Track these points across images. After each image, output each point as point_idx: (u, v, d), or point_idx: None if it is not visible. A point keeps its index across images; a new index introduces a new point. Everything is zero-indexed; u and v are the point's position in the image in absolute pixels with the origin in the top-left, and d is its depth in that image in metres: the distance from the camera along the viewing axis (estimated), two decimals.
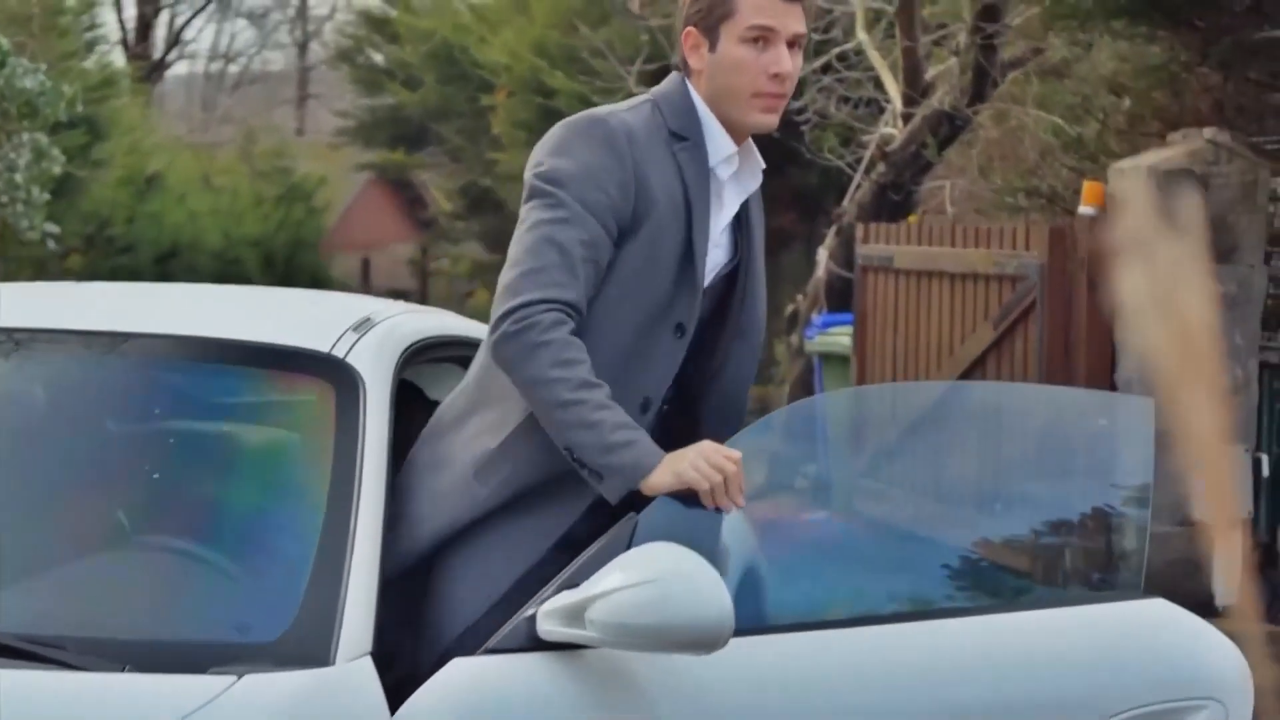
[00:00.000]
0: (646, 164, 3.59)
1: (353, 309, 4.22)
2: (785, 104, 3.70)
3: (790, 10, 3.63)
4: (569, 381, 3.41)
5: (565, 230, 3.51)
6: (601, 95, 17.71)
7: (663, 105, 3.70)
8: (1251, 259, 8.59)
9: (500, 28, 24.54)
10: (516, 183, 18.42)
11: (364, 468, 3.67)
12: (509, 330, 3.47)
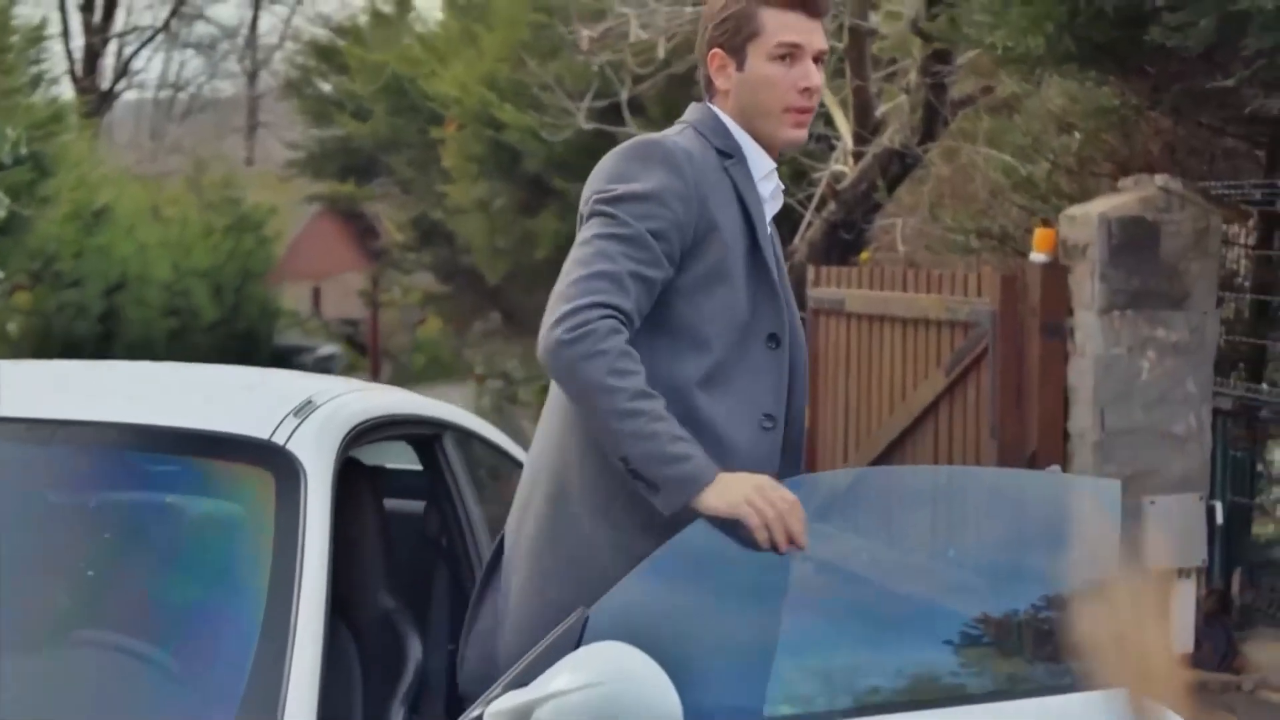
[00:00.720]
0: (705, 182, 3.64)
1: (295, 391, 4.13)
2: (810, 117, 3.78)
3: (814, 26, 3.74)
4: (626, 391, 3.38)
5: (617, 245, 3.51)
6: (550, 130, 17.69)
7: (701, 128, 3.76)
8: (1204, 305, 8.57)
9: (450, 60, 24.48)
10: (466, 215, 18.43)
11: (305, 558, 3.60)
12: (563, 338, 3.42)
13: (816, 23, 3.76)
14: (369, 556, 4.45)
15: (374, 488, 4.62)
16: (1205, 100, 8.40)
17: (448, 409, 4.95)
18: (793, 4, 3.74)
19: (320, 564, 3.61)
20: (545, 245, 21.72)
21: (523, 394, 25.41)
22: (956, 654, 3.70)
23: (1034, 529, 3.87)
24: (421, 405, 4.75)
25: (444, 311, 34.65)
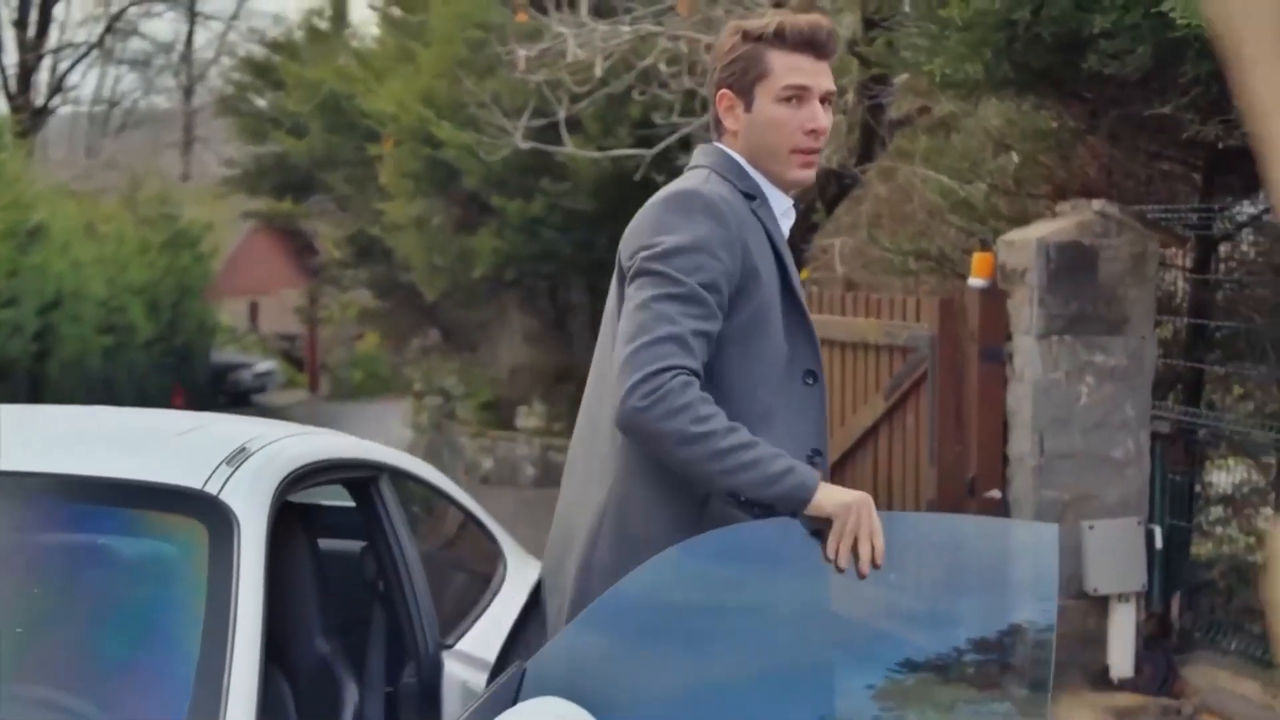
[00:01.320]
0: (744, 227, 3.76)
1: (228, 437, 4.08)
2: (818, 158, 3.90)
3: (821, 68, 3.86)
4: (715, 433, 3.51)
5: (675, 305, 3.61)
6: (487, 148, 17.63)
7: (722, 171, 3.88)
8: (1142, 330, 8.58)
9: (387, 77, 24.39)
10: (403, 232, 18.37)
11: (239, 608, 3.56)
12: (639, 405, 3.53)
13: (823, 64, 3.87)
14: (304, 600, 4.41)
15: (308, 529, 4.57)
16: (1142, 125, 8.42)
17: (383, 450, 4.91)
18: (800, 46, 3.85)
19: (254, 614, 3.57)
20: (483, 263, 21.66)
21: (461, 411, 25.32)
22: (888, 699, 3.69)
23: (972, 575, 3.85)
24: (357, 448, 4.70)
25: (382, 328, 34.55)
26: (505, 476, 22.84)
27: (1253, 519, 9.80)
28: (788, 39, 3.85)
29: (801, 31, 3.86)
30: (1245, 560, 9.57)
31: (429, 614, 4.57)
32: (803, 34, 3.85)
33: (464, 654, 4.72)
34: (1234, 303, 9.60)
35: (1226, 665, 8.58)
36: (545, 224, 21.02)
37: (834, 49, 3.90)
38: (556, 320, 24.53)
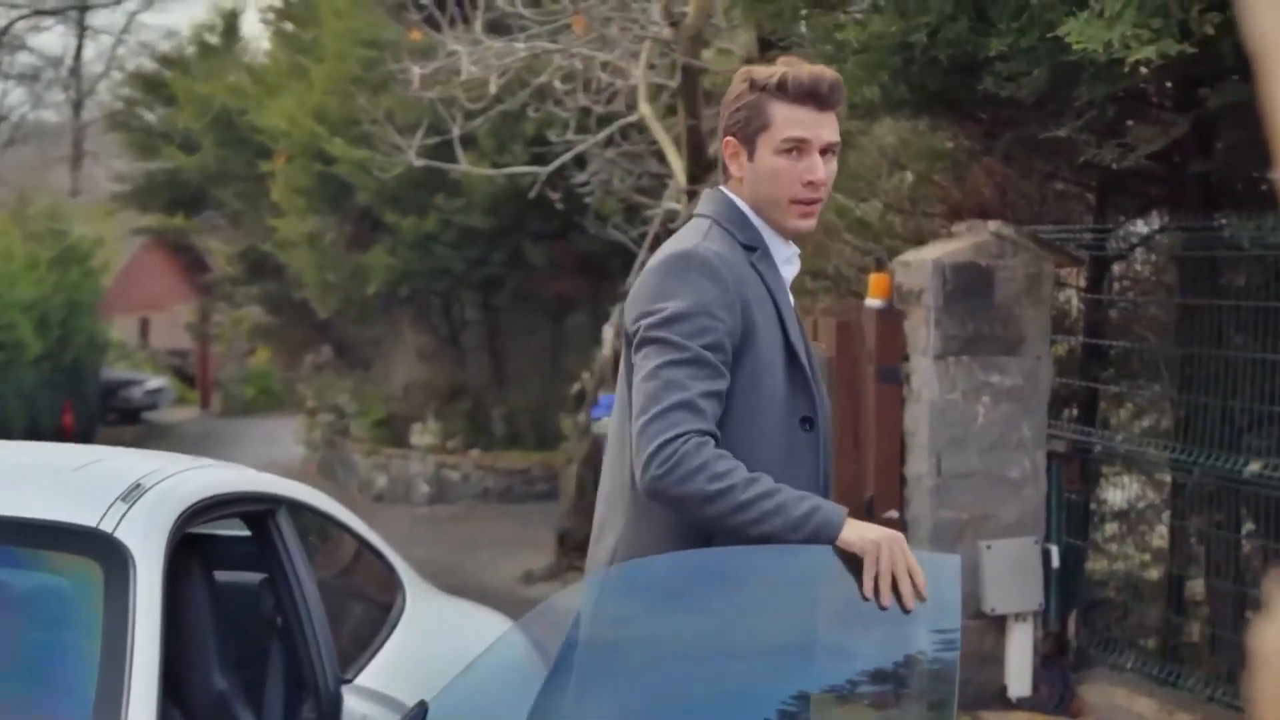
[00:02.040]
0: (742, 283, 3.81)
1: (124, 473, 4.02)
2: (819, 209, 3.92)
3: (823, 120, 3.88)
4: (735, 487, 3.57)
5: (681, 371, 3.67)
6: (381, 165, 17.55)
7: (725, 223, 3.92)
8: (1038, 350, 8.62)
9: (279, 93, 24.24)
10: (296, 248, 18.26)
11: (135, 648, 3.51)
12: (656, 473, 3.59)
13: (826, 115, 3.89)
14: (201, 636, 4.35)
15: (205, 562, 4.51)
16: (1038, 147, 8.46)
17: (280, 482, 4.86)
18: (801, 98, 3.86)
19: (151, 652, 3.52)
20: (376, 279, 21.59)
21: (354, 428, 25.18)
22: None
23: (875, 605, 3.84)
24: (254, 481, 4.64)
25: (274, 344, 34.34)
26: (399, 494, 22.73)
27: (1147, 535, 9.88)
28: (789, 91, 3.87)
29: (803, 84, 3.87)
30: (1140, 577, 9.64)
31: (328, 648, 4.51)
32: (804, 86, 3.87)
33: (364, 689, 4.67)
34: (1128, 321, 9.69)
35: (1123, 682, 8.63)
36: (439, 241, 20.97)
37: (837, 101, 3.91)
38: (450, 337, 24.44)
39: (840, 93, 3.92)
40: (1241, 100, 7.04)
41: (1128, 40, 6.39)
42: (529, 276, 22.05)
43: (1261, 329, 7.78)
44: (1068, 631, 9.08)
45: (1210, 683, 8.12)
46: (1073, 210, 10.27)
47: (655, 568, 3.69)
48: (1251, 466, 7.77)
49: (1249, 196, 8.60)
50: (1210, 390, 8.13)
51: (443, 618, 5.59)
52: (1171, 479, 8.85)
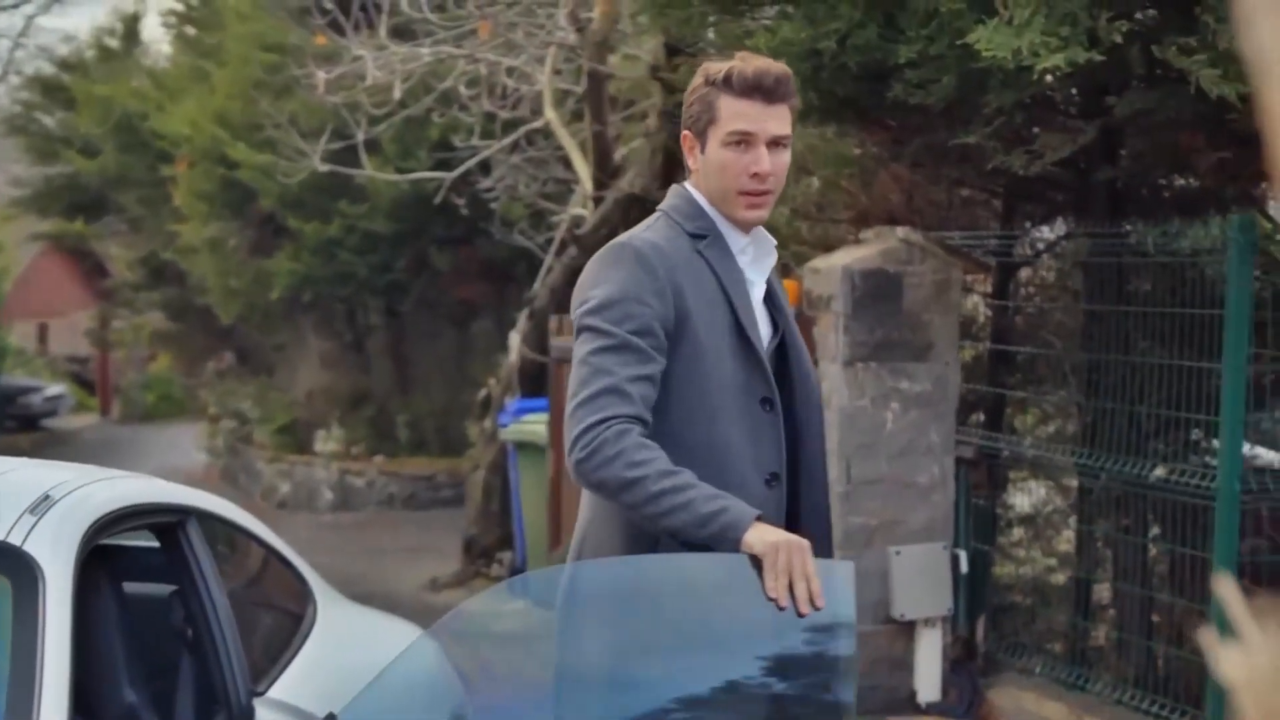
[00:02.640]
0: (676, 269, 3.92)
1: (32, 484, 3.96)
2: (772, 198, 4.02)
3: (769, 113, 3.95)
4: (649, 477, 3.64)
5: (609, 357, 3.79)
6: (285, 170, 17.44)
7: (674, 214, 4.06)
8: (947, 356, 8.65)
9: (180, 97, 24.07)
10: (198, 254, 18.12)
11: (44, 662, 3.46)
12: (580, 458, 3.71)
13: (773, 109, 3.95)
14: (111, 649, 4.30)
15: (115, 574, 4.45)
16: (946, 153, 8.49)
17: (190, 493, 4.80)
18: (746, 92, 3.95)
19: (61, 666, 3.47)
20: (280, 285, 21.46)
21: (257, 434, 25.02)
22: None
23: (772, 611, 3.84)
24: (163, 491, 4.58)
25: (175, 350, 34.08)
26: (303, 501, 22.58)
27: (1053, 540, 9.93)
28: (735, 85, 3.96)
29: (747, 78, 3.95)
30: (1046, 581, 9.69)
31: (239, 660, 4.46)
32: (748, 80, 3.95)
33: (276, 701, 4.62)
34: (1034, 327, 9.73)
35: (1031, 687, 8.67)
36: (343, 246, 20.87)
37: (784, 95, 3.98)
38: (355, 343, 24.33)
39: (787, 86, 3.98)
40: (1147, 108, 7.10)
41: (1036, 48, 6.41)
42: (433, 282, 21.97)
43: (1167, 335, 7.84)
44: (976, 636, 9.12)
45: (1118, 686, 8.17)
46: (979, 216, 10.32)
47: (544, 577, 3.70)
48: (1157, 471, 7.82)
49: (1154, 203, 8.66)
50: (1117, 396, 8.18)
51: (354, 628, 5.54)
52: (1079, 484, 8.89)
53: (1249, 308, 7.16)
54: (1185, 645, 7.87)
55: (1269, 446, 8.29)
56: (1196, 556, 7.64)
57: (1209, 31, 6.28)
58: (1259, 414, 7.91)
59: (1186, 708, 7.66)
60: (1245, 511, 7.30)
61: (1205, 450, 8.31)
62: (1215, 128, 7.01)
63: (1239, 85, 6.24)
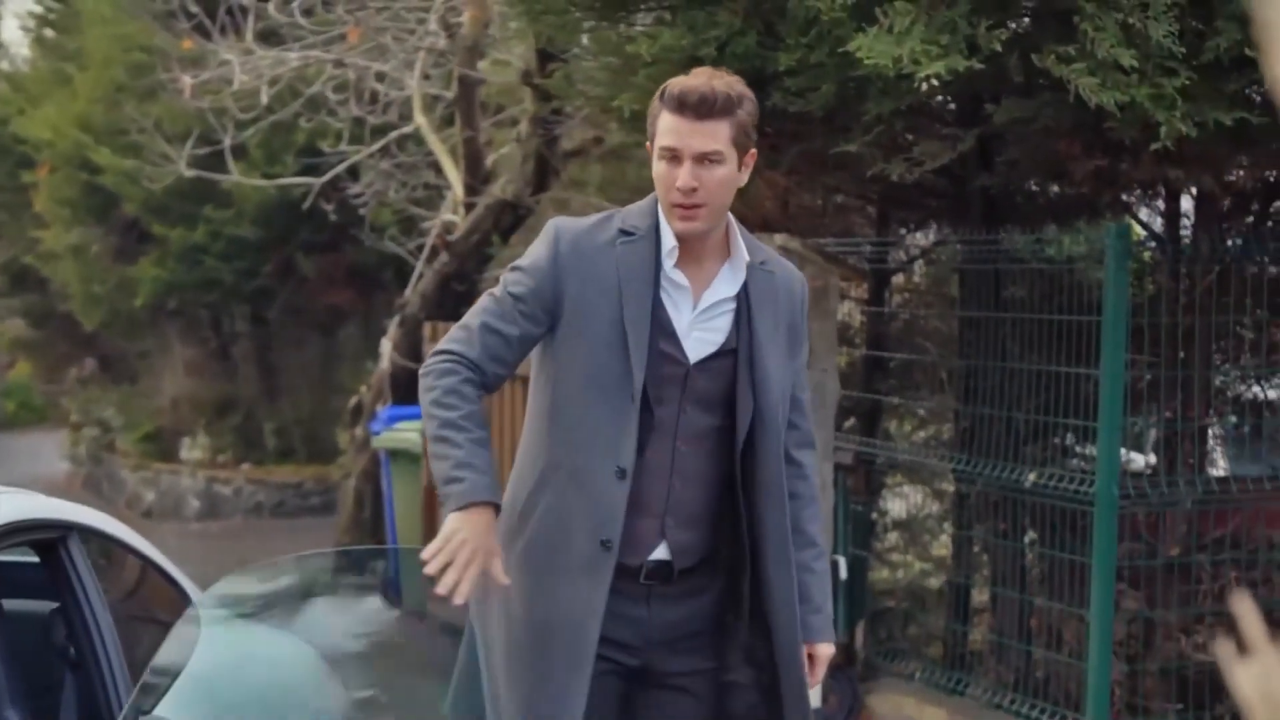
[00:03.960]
0: (580, 255, 4.13)
1: None
2: (705, 211, 4.09)
3: (695, 129, 4.05)
4: (437, 419, 4.01)
5: (485, 303, 4.17)
6: (151, 174, 17.25)
7: (622, 210, 4.27)
8: (825, 364, 8.66)
9: (41, 101, 23.72)
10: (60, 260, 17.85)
11: None
12: (420, 372, 4.16)
13: (700, 125, 4.05)
14: None
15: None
16: (823, 160, 8.50)
17: (71, 508, 4.72)
18: (675, 108, 4.07)
19: None
20: (144, 291, 21.24)
21: (121, 442, 24.71)
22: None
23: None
24: (45, 507, 4.49)
25: (36, 357, 33.60)
26: (169, 510, 22.33)
27: (929, 545, 9.99)
28: (666, 101, 4.11)
29: (674, 95, 4.08)
30: (922, 586, 9.75)
31: (123, 678, 4.39)
32: (674, 97, 4.08)
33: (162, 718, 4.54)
34: (909, 333, 9.79)
35: (910, 692, 8.71)
36: (208, 252, 20.70)
37: (707, 112, 4.05)
38: (220, 350, 24.10)
39: (715, 104, 4.05)
40: (1025, 116, 7.15)
41: (917, 56, 6.44)
42: (300, 288, 21.82)
43: (1042, 340, 7.90)
44: (855, 642, 9.15)
45: (996, 690, 8.22)
46: (854, 223, 10.37)
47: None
48: (1030, 476, 7.88)
49: (1029, 210, 8.73)
50: (993, 401, 8.23)
51: (237, 640, 5.46)
52: (955, 489, 8.94)
53: (1126, 313, 7.23)
54: (1063, 649, 7.93)
55: (1140, 452, 8.39)
56: (1073, 560, 7.70)
57: (1087, 40, 6.33)
58: (1134, 418, 7.99)
59: (1065, 711, 7.73)
60: (1122, 515, 7.38)
61: (1079, 455, 8.39)
62: (1092, 135, 7.07)
63: (1117, 93, 6.30)
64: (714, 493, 4.27)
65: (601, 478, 4.10)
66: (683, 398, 4.21)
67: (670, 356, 4.19)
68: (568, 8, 8.30)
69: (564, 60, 10.63)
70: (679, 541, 4.24)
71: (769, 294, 4.32)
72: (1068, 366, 7.66)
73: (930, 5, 6.57)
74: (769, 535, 4.24)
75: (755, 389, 4.22)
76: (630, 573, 4.18)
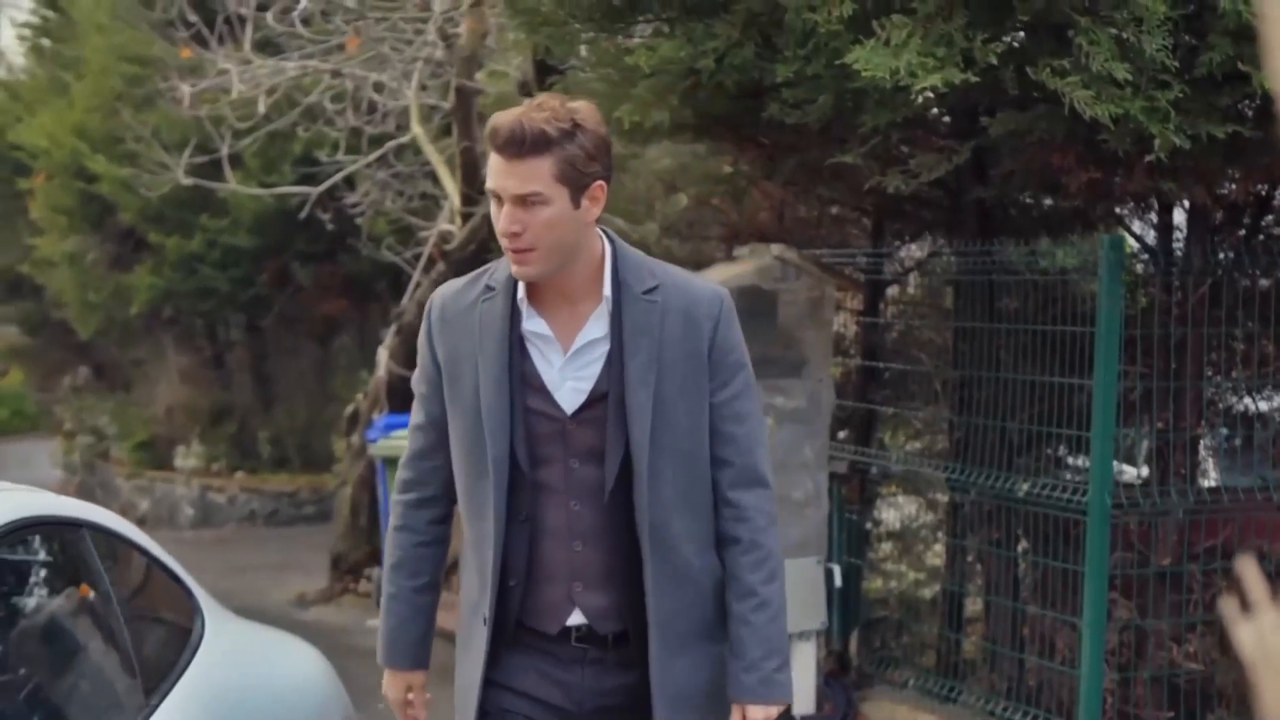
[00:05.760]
0: (448, 322, 3.96)
1: None
2: (537, 255, 3.78)
3: (511, 170, 3.73)
4: (386, 575, 4.20)
5: (414, 403, 4.14)
6: (148, 183, 17.29)
7: (494, 265, 4.00)
8: (820, 373, 8.73)
9: (37, 109, 23.76)
10: (56, 268, 17.83)
11: None
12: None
13: (516, 164, 3.72)
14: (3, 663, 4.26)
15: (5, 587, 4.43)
16: (819, 171, 8.58)
17: (83, 506, 4.79)
18: (493, 147, 3.77)
19: None
20: (139, 300, 21.27)
21: (115, 450, 24.75)
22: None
23: None
24: (57, 504, 4.57)
25: (29, 365, 33.61)
26: (163, 518, 22.36)
27: (922, 554, 10.06)
28: (488, 137, 3.82)
29: (488, 131, 3.81)
30: (915, 595, 9.81)
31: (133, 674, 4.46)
32: (488, 133, 3.81)
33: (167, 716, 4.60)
34: (903, 344, 9.86)
35: (904, 699, 8.78)
36: (204, 261, 20.72)
37: (516, 150, 3.72)
38: (215, 358, 24.15)
39: (523, 142, 3.71)
40: (1020, 128, 7.22)
41: (914, 68, 6.51)
42: (295, 297, 21.86)
43: (1035, 351, 7.97)
44: (849, 650, 9.23)
45: (990, 699, 8.29)
46: (849, 234, 10.45)
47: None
48: (1023, 486, 7.95)
49: (1024, 222, 8.80)
50: (986, 411, 8.30)
51: (242, 643, 5.53)
52: (949, 498, 9.01)
53: (1119, 324, 7.31)
54: (1055, 657, 8.00)
55: (1131, 464, 8.46)
56: (1066, 569, 7.77)
57: (1082, 54, 6.40)
58: (1126, 429, 8.05)
59: (1057, 718, 7.79)
60: (1114, 525, 7.45)
61: (1071, 466, 8.46)
62: (1086, 148, 7.14)
63: (1111, 106, 6.37)
64: (624, 551, 3.96)
65: (484, 549, 3.94)
66: (566, 454, 3.94)
67: (542, 413, 3.92)
68: (566, 19, 8.36)
69: (562, 72, 10.70)
70: (592, 606, 3.98)
71: (645, 325, 3.91)
72: (1061, 377, 7.73)
73: (927, 19, 6.64)
74: (653, 598, 3.94)
75: (627, 431, 3.90)
76: (561, 636, 3.98)
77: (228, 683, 5.05)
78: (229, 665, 5.20)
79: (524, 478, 3.91)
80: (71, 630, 4.53)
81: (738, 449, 3.99)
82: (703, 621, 3.99)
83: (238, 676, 5.06)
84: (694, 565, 3.97)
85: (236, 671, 5.13)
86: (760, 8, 7.31)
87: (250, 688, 4.74)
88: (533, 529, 3.94)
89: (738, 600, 3.97)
